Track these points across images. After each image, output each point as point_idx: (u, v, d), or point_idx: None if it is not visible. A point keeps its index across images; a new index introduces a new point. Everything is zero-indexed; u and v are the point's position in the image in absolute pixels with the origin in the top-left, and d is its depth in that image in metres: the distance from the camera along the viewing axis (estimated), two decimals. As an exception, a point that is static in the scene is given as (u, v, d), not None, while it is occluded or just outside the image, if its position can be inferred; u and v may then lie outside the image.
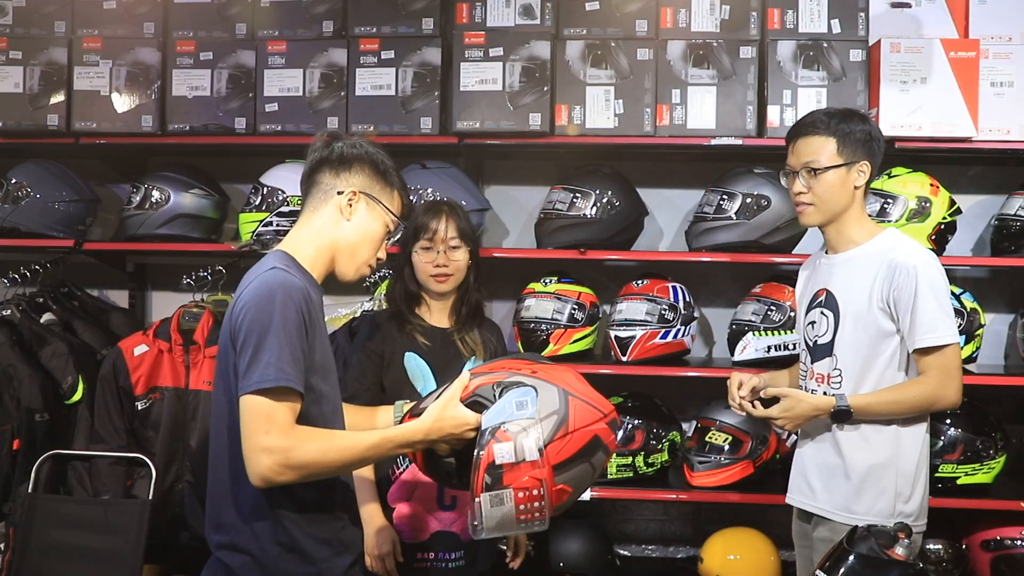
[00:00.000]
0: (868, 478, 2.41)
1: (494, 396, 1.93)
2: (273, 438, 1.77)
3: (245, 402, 1.79)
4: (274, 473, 1.78)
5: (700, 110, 3.29)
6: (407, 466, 2.62)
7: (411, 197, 2.19)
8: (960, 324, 3.25)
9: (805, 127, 2.48)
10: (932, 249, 2.95)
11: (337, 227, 2.01)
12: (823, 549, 2.32)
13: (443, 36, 3.39)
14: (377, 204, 2.03)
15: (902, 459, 2.41)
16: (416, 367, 2.67)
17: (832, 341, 2.47)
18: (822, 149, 2.43)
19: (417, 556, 2.62)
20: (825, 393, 2.47)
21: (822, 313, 2.50)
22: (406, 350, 2.67)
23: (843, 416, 2.39)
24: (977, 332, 3.37)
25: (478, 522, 1.86)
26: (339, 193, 2.00)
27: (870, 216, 2.76)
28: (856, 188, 2.45)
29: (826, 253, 2.58)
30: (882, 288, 2.38)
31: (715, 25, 3.31)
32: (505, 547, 2.83)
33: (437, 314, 2.76)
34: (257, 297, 1.84)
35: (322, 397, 1.93)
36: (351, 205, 2.00)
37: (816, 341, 2.51)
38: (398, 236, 2.14)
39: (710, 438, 3.40)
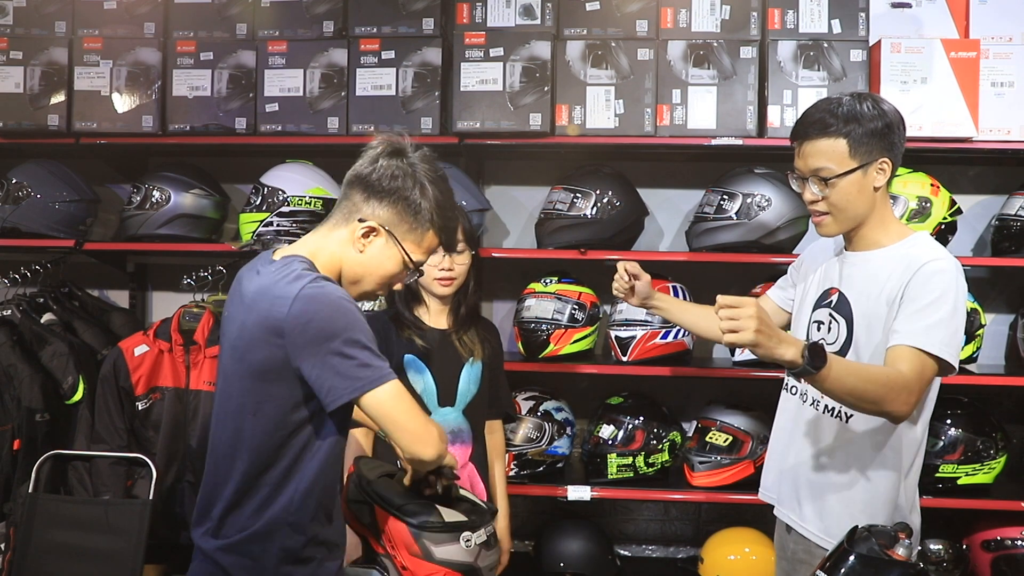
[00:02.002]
0: (865, 509, 2.16)
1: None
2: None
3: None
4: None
5: (700, 110, 3.29)
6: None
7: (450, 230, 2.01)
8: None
9: (811, 127, 2.16)
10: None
11: (345, 253, 1.90)
12: (802, 572, 2.25)
13: (443, 36, 3.39)
14: (396, 244, 1.90)
15: (904, 493, 2.18)
16: (415, 368, 2.66)
17: (841, 352, 2.18)
18: (832, 153, 2.13)
19: None
20: (815, 402, 2.23)
21: (832, 317, 2.23)
22: (405, 352, 2.67)
23: (815, 361, 1.86)
24: (977, 332, 3.36)
25: None
26: (360, 221, 1.88)
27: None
28: (876, 189, 2.16)
29: (845, 248, 2.29)
30: (898, 292, 2.09)
31: (715, 25, 3.31)
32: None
33: (436, 315, 2.76)
34: (322, 304, 1.76)
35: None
36: (366, 237, 1.89)
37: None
38: (414, 279, 2.01)
39: (710, 438, 3.40)
